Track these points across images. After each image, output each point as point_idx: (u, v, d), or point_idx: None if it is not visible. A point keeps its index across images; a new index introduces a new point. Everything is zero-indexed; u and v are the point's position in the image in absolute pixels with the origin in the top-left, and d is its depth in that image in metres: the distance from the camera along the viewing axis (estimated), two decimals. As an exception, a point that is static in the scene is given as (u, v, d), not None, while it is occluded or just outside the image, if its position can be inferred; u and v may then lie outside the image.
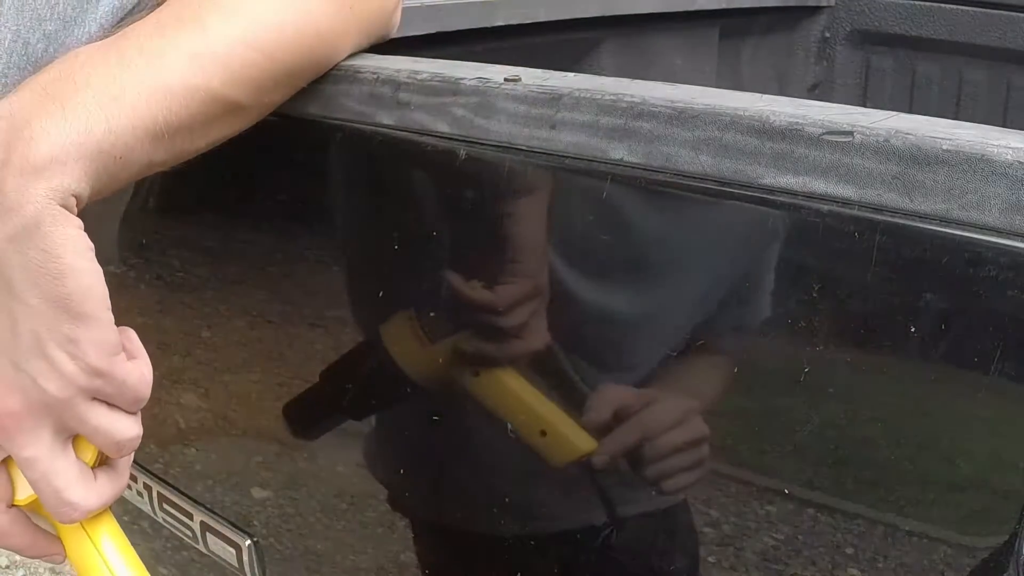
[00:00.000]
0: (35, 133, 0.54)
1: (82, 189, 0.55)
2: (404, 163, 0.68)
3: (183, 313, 0.89)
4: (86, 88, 0.56)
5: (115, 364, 0.56)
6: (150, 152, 0.59)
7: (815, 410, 0.54)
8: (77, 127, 0.55)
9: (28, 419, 0.56)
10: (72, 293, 0.54)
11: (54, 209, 0.53)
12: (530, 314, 0.64)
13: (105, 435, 0.58)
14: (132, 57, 0.58)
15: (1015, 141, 0.47)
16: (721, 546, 0.60)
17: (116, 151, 0.56)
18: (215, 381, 0.91)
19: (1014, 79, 1.49)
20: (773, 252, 0.55)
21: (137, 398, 0.58)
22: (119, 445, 0.58)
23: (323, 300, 0.78)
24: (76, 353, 0.54)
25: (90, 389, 0.56)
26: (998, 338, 0.48)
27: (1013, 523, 0.49)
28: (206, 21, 0.61)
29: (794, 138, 0.51)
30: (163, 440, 0.98)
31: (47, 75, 0.57)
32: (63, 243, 0.53)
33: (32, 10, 0.62)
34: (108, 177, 0.57)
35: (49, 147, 0.54)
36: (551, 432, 0.65)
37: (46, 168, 0.54)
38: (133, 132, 0.57)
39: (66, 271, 0.53)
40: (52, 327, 0.54)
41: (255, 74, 0.63)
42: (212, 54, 0.61)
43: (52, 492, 0.58)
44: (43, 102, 0.55)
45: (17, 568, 2.14)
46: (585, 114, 0.58)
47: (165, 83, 0.59)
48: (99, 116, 0.56)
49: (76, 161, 0.55)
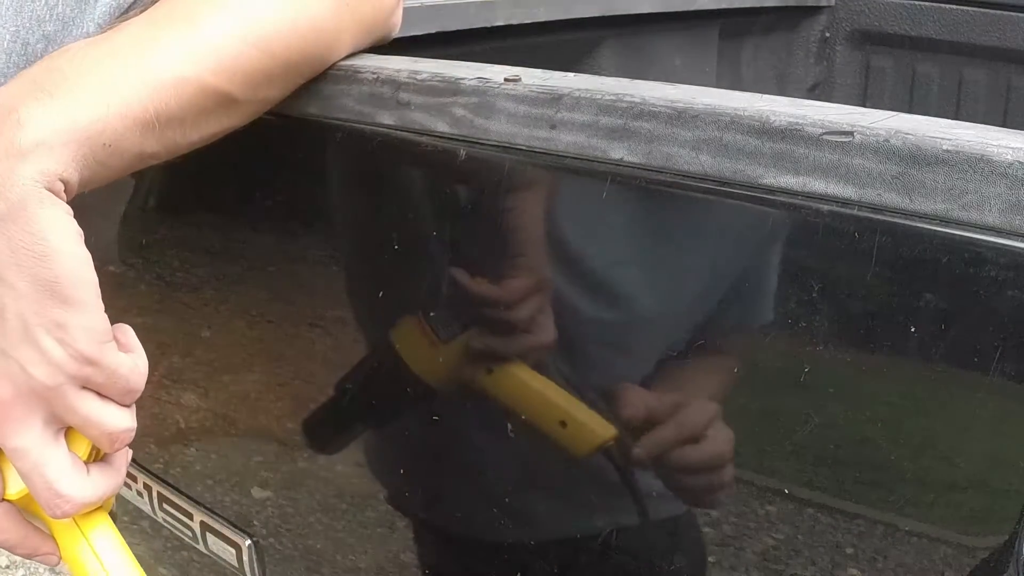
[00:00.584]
0: (22, 117, 0.54)
1: (70, 174, 0.55)
2: (404, 163, 0.68)
3: (183, 313, 0.89)
4: (76, 77, 0.56)
5: (105, 352, 0.55)
6: (141, 142, 0.58)
7: (815, 410, 0.54)
8: (65, 112, 0.55)
9: (17, 408, 0.55)
10: (59, 276, 0.53)
11: (40, 192, 0.53)
12: (537, 308, 0.64)
13: (96, 426, 0.56)
14: (123, 48, 0.59)
15: (1015, 141, 0.47)
16: (721, 546, 0.60)
17: (105, 138, 0.56)
18: (215, 381, 0.91)
19: (1014, 79, 1.49)
20: (773, 252, 0.55)
21: (129, 389, 0.57)
22: (111, 437, 0.57)
23: (323, 300, 0.78)
24: (65, 339, 0.54)
25: (80, 377, 0.55)
26: (998, 338, 0.47)
27: (1013, 523, 0.49)
28: (198, 15, 0.62)
29: (794, 138, 0.51)
30: (163, 440, 0.98)
31: (38, 67, 0.58)
32: (49, 225, 0.53)
33: (31, 11, 0.62)
34: (98, 165, 0.56)
35: (35, 131, 0.54)
36: (571, 422, 0.65)
37: (32, 151, 0.53)
38: (122, 120, 0.57)
39: (52, 253, 0.53)
40: (40, 312, 0.53)
41: (248, 67, 0.63)
42: (204, 46, 0.61)
43: (43, 483, 0.56)
44: (32, 90, 0.56)
45: (17, 568, 2.14)
46: (585, 114, 0.58)
47: (156, 73, 0.59)
48: (87, 103, 0.56)
49: (63, 145, 0.54)
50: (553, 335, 0.64)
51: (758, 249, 0.55)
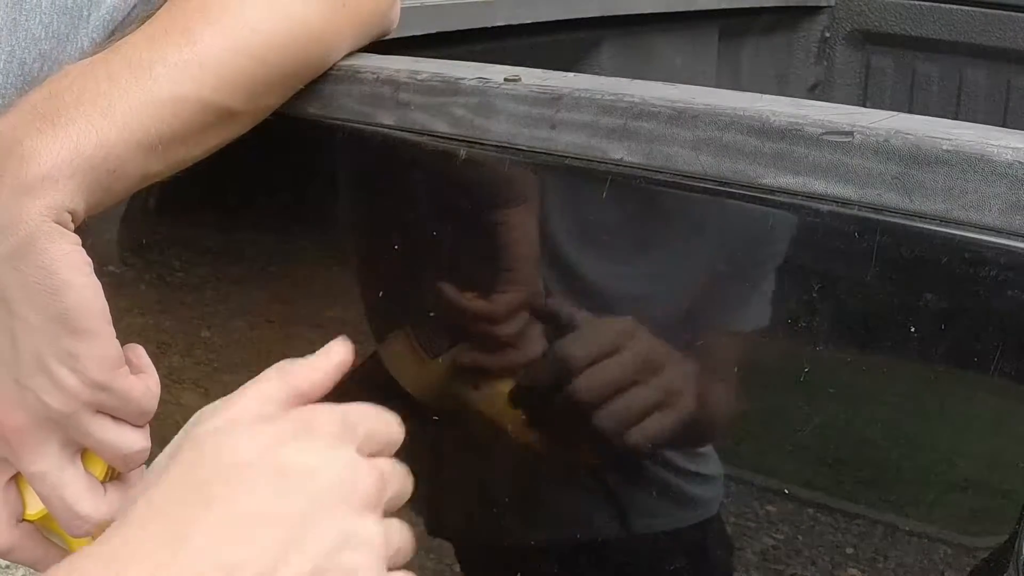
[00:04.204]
0: (26, 152, 0.54)
1: (76, 205, 0.55)
2: (404, 163, 0.68)
3: (183, 313, 0.89)
4: (76, 105, 0.56)
5: (117, 377, 0.56)
6: (144, 163, 0.59)
7: (815, 410, 0.54)
8: (68, 144, 0.55)
9: (34, 434, 0.57)
10: (70, 309, 0.54)
11: (48, 226, 0.54)
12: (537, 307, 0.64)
13: (111, 448, 0.58)
14: (120, 71, 0.59)
15: (1015, 141, 0.47)
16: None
17: (109, 164, 0.57)
18: (215, 381, 0.91)
19: (1014, 79, 1.49)
20: (773, 252, 0.55)
21: (142, 411, 0.58)
22: (126, 458, 0.59)
23: (323, 300, 0.78)
24: (77, 367, 0.55)
25: (93, 403, 0.56)
26: (998, 338, 0.48)
27: (1013, 523, 0.49)
28: (194, 30, 0.61)
29: (794, 138, 0.51)
30: (163, 440, 0.98)
31: (38, 94, 0.58)
32: (59, 259, 0.54)
33: (26, 30, 0.62)
34: (103, 190, 0.57)
35: (39, 166, 0.54)
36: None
37: (38, 186, 0.54)
38: (125, 145, 0.57)
39: (62, 287, 0.54)
40: (52, 343, 0.54)
41: (247, 80, 0.63)
42: (201, 63, 0.60)
43: (63, 505, 0.58)
44: (33, 120, 0.56)
45: (17, 569, 2.14)
46: (585, 114, 0.58)
47: (154, 95, 0.59)
48: (89, 131, 0.56)
49: (69, 178, 0.55)
50: (553, 336, 0.64)
51: (758, 249, 0.55)
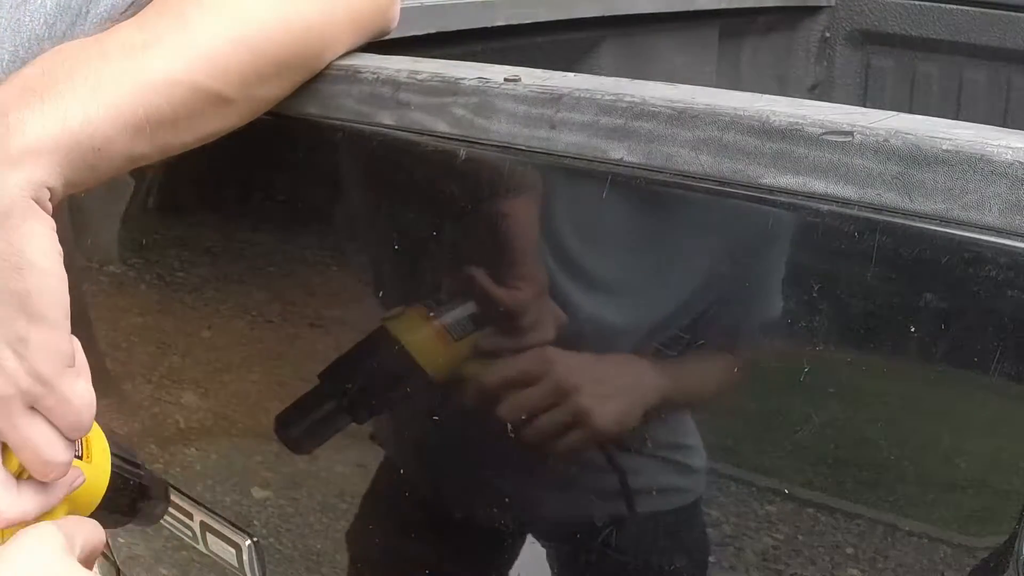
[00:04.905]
0: (12, 123, 0.54)
1: (56, 181, 0.55)
2: (404, 163, 0.68)
3: (183, 313, 0.89)
4: (66, 80, 0.56)
5: (63, 376, 0.54)
6: (131, 144, 0.58)
7: (815, 410, 0.54)
8: (54, 118, 0.55)
9: None
10: (31, 291, 0.52)
11: (26, 203, 0.53)
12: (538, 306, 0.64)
13: (33, 450, 0.54)
14: (113, 51, 0.59)
15: (1015, 141, 0.47)
16: (721, 546, 0.60)
17: (95, 142, 0.56)
18: (215, 381, 0.91)
19: (1014, 79, 1.49)
20: (773, 252, 0.55)
21: (79, 422, 0.55)
22: (45, 465, 0.55)
23: (323, 300, 0.78)
24: (24, 353, 0.53)
25: (30, 395, 0.54)
26: (998, 338, 0.47)
27: (1013, 523, 0.49)
28: (187, 16, 0.61)
29: (794, 138, 0.51)
30: (163, 440, 0.98)
31: (30, 70, 0.57)
32: (30, 239, 0.53)
33: (29, 30, 0.62)
34: (87, 169, 0.56)
35: (24, 139, 0.54)
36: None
37: (21, 160, 0.53)
38: (112, 124, 0.57)
39: (27, 267, 0.52)
40: (5, 322, 0.53)
41: (239, 67, 0.63)
42: (193, 48, 0.60)
43: None
44: (23, 94, 0.55)
45: None
46: (585, 114, 0.58)
47: (145, 76, 0.58)
48: (77, 107, 0.56)
49: (52, 153, 0.54)
50: (552, 334, 0.64)
51: (758, 249, 0.55)
